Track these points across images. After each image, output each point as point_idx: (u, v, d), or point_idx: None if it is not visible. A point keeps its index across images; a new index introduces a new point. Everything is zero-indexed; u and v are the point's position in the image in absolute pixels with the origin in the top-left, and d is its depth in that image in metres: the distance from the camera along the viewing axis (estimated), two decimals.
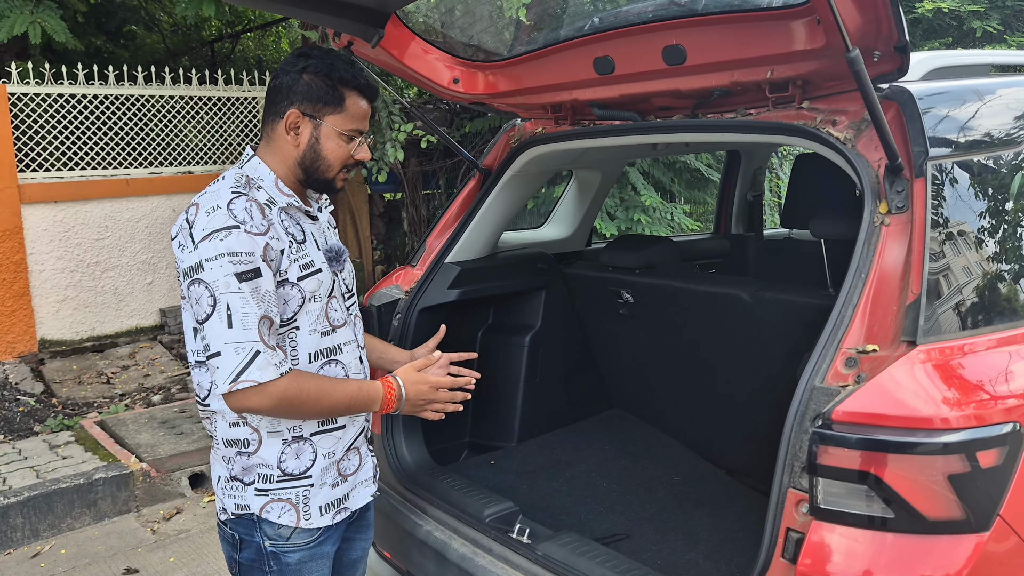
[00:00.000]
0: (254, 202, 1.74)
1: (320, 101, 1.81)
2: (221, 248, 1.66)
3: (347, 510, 1.96)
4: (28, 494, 4.20)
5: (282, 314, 1.77)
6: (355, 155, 1.87)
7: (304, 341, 1.83)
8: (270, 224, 1.74)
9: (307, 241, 1.84)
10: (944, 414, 1.49)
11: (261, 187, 1.81)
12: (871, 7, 1.65)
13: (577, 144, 2.68)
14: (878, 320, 1.69)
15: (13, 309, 6.41)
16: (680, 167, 7.70)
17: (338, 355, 1.89)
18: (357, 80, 1.84)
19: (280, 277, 1.75)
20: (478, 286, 2.89)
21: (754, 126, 2.15)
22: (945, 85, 1.95)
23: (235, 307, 1.66)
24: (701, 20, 2.10)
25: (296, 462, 1.84)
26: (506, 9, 4.14)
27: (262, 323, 1.68)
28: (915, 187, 1.75)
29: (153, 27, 10.56)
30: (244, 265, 1.67)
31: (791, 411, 1.67)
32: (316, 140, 1.83)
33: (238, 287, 1.66)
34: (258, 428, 1.83)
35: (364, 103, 1.86)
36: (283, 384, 1.70)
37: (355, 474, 1.98)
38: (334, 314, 1.90)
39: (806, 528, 1.61)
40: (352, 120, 1.84)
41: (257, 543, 1.86)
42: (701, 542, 2.57)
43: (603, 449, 3.15)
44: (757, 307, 2.55)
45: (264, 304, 1.69)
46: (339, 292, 1.93)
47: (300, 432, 1.84)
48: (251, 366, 1.66)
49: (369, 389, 1.88)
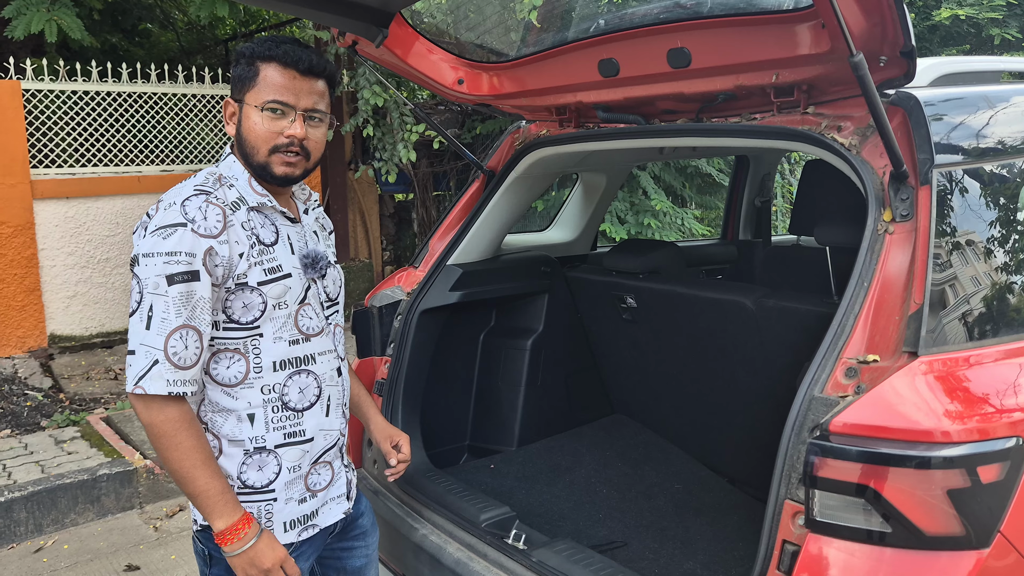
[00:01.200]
0: (212, 202, 1.66)
1: (240, 81, 1.72)
2: (160, 246, 1.60)
3: (316, 527, 1.86)
4: (32, 488, 4.21)
5: (241, 319, 1.70)
6: (285, 132, 1.69)
7: (268, 348, 1.74)
8: (227, 226, 1.66)
9: (278, 244, 1.75)
10: (945, 427, 1.46)
11: (233, 185, 1.73)
12: (876, 11, 1.62)
13: (581, 147, 2.65)
14: (880, 330, 1.66)
15: (24, 304, 6.45)
16: (691, 172, 7.67)
17: (310, 365, 1.80)
18: (274, 51, 1.69)
19: (238, 280, 1.67)
20: (480, 288, 2.87)
21: (759, 131, 2.12)
22: (953, 91, 1.92)
23: (156, 310, 1.60)
24: (706, 23, 2.08)
25: (258, 474, 1.76)
26: (518, 11, 4.13)
27: (179, 333, 1.60)
28: (920, 195, 1.72)
29: (168, 26, 10.62)
30: (180, 266, 1.60)
31: (789, 421, 1.64)
32: (240, 122, 1.73)
33: (166, 290, 1.59)
34: (219, 435, 1.75)
35: (287, 75, 1.68)
36: (166, 409, 1.61)
37: (326, 490, 1.88)
38: (307, 322, 1.80)
39: (802, 541, 1.58)
40: (269, 91, 1.68)
41: (225, 561, 1.72)
42: (699, 551, 2.54)
43: (603, 455, 3.12)
44: (760, 314, 2.52)
45: (190, 311, 1.61)
46: (315, 300, 1.83)
47: (262, 444, 1.75)
48: (148, 374, 1.59)
49: (226, 504, 1.65)
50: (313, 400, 1.82)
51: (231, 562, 1.68)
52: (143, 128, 7.13)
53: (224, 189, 1.72)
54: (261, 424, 1.75)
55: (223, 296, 1.68)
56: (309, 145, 1.74)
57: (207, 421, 1.75)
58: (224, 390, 1.73)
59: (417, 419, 2.76)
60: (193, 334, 1.62)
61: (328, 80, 1.76)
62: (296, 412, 1.79)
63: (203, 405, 1.75)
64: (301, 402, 1.79)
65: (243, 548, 1.66)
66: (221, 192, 1.70)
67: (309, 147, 1.74)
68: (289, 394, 1.77)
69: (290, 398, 1.77)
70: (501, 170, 2.84)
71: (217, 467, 1.67)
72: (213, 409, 1.74)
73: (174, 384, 1.60)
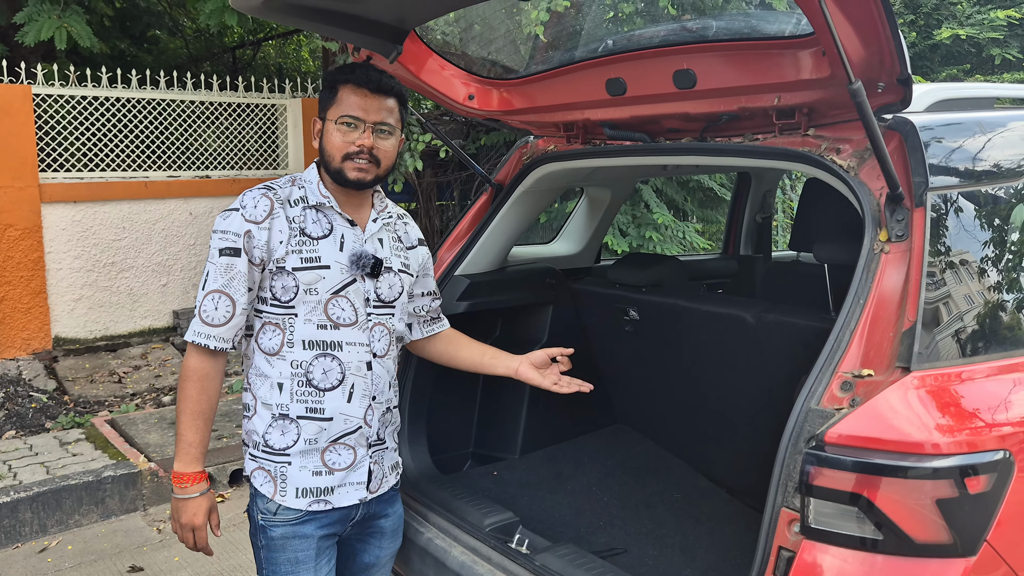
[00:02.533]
0: (268, 196, 1.96)
1: (324, 102, 2.03)
2: (220, 225, 1.95)
3: (328, 503, 2.01)
4: (38, 489, 4.27)
5: (281, 298, 1.96)
6: (356, 142, 1.96)
7: (299, 328, 1.97)
8: (271, 216, 1.94)
9: (328, 239, 1.99)
10: (935, 439, 1.52)
11: (304, 186, 2.03)
12: (874, 40, 1.70)
13: (588, 163, 2.72)
14: (874, 345, 1.72)
15: (29, 306, 6.51)
16: (693, 186, 7.75)
17: (336, 351, 1.99)
18: (349, 75, 1.98)
19: (278, 264, 1.94)
20: (487, 299, 2.93)
21: (760, 151, 2.19)
22: (948, 117, 1.99)
23: (209, 275, 1.94)
24: (711, 46, 2.15)
25: (280, 438, 1.99)
26: (524, 25, 4.21)
27: (213, 295, 1.92)
28: (915, 216, 1.79)
29: (176, 33, 10.72)
30: (228, 242, 1.93)
31: (786, 431, 1.70)
32: (322, 136, 2.03)
33: (216, 260, 1.94)
34: (256, 396, 2.01)
35: (360, 93, 1.97)
36: (190, 358, 1.95)
37: (345, 472, 2.03)
38: (339, 312, 1.99)
39: (797, 547, 1.64)
40: (344, 108, 1.97)
41: (254, 516, 2.03)
42: (698, 559, 2.59)
43: (605, 464, 3.18)
44: (760, 328, 2.59)
45: (226, 280, 1.92)
46: (357, 296, 2.02)
47: (286, 411, 1.98)
48: (191, 326, 1.95)
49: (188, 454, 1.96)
50: (335, 383, 1.99)
51: (171, 502, 2.01)
52: (151, 134, 7.21)
53: (292, 187, 2.02)
54: (287, 394, 1.98)
55: (269, 277, 1.96)
56: (379, 153, 2.00)
57: (251, 383, 2.03)
58: (266, 358, 2.00)
59: (423, 425, 2.82)
60: (225, 299, 1.93)
61: (397, 97, 2.04)
62: (318, 390, 1.99)
63: (250, 370, 2.04)
64: (323, 382, 1.99)
65: (179, 496, 1.97)
66: (286, 190, 2.01)
67: (379, 155, 2.00)
68: (313, 372, 1.98)
69: (314, 376, 1.98)
70: (509, 183, 2.91)
71: (201, 423, 1.96)
72: (256, 373, 2.02)
73: (198, 336, 1.93)
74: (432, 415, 2.88)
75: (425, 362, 2.75)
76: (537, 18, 4.36)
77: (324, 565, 2.04)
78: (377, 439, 2.10)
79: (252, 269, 1.94)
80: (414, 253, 2.25)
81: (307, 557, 2.00)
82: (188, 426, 1.95)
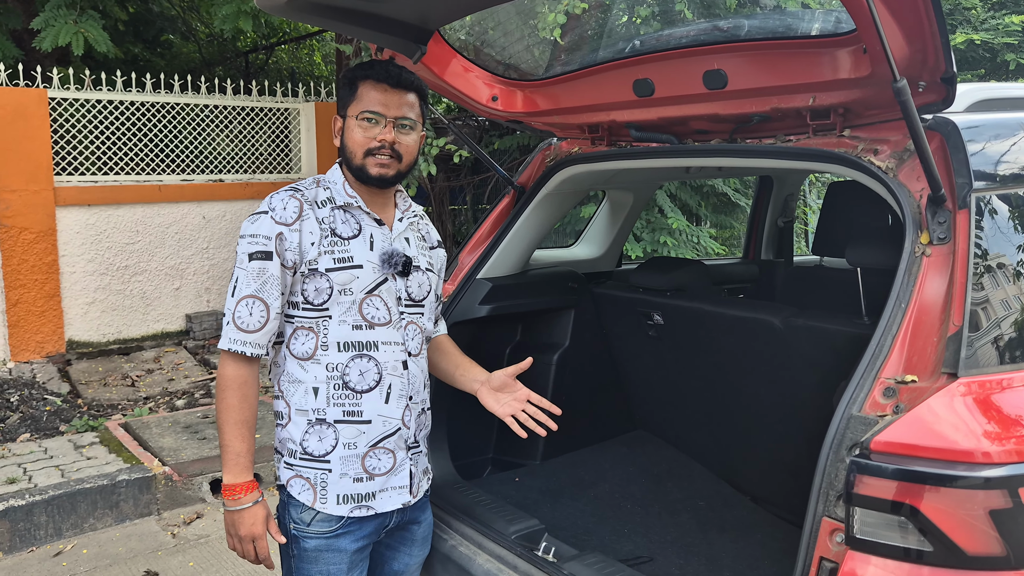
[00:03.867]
0: (296, 197, 1.92)
1: (344, 99, 1.99)
2: (248, 229, 1.90)
3: (370, 509, 1.97)
4: (53, 493, 4.25)
5: (314, 300, 1.91)
6: (377, 137, 1.92)
7: (334, 329, 1.93)
8: (301, 218, 1.90)
9: (357, 239, 1.96)
10: (985, 448, 1.47)
11: (329, 187, 1.99)
12: (919, 38, 1.66)
13: (612, 165, 2.69)
14: (917, 351, 1.68)
15: (43, 309, 6.50)
16: (707, 191, 7.70)
17: (372, 351, 1.95)
18: (369, 70, 1.95)
19: (310, 266, 1.89)
20: (508, 303, 2.90)
21: (794, 153, 2.15)
22: (990, 118, 1.95)
23: (239, 281, 1.88)
24: (744, 46, 2.12)
25: (318, 444, 1.94)
26: (540, 29, 4.18)
27: (246, 301, 1.87)
28: (958, 218, 1.74)
29: (189, 37, 10.75)
30: (258, 246, 1.87)
31: (827, 439, 1.65)
32: (343, 133, 1.99)
33: (246, 265, 1.87)
34: (289, 403, 1.96)
35: (380, 88, 1.93)
36: (226, 366, 1.89)
37: (385, 476, 1.99)
38: (373, 312, 1.96)
39: (840, 558, 1.59)
40: (364, 103, 1.93)
41: (285, 524, 1.98)
42: (725, 568, 2.55)
43: (627, 470, 3.14)
44: (788, 333, 2.54)
45: (259, 284, 1.87)
46: (390, 294, 1.99)
47: (323, 416, 1.93)
48: (224, 333, 1.89)
49: (237, 464, 1.89)
50: (372, 384, 1.95)
51: (224, 516, 1.93)
52: (164, 138, 7.21)
53: (318, 189, 1.98)
54: (323, 398, 1.93)
55: (300, 280, 1.91)
56: (400, 148, 1.96)
57: (283, 390, 1.97)
58: (298, 363, 1.94)
59: (444, 431, 2.78)
60: (259, 304, 1.88)
61: (418, 92, 1.99)
62: (355, 392, 1.94)
63: (281, 376, 1.98)
64: (361, 384, 1.94)
65: (233, 507, 1.89)
66: (312, 191, 1.96)
67: (400, 150, 1.96)
68: (350, 375, 1.93)
69: (350, 378, 1.93)
70: (532, 186, 2.87)
71: (246, 432, 1.89)
72: (288, 379, 1.96)
73: (234, 343, 1.87)
74: (452, 420, 2.84)
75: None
76: (554, 21, 4.34)
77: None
78: (414, 441, 2.07)
79: (284, 273, 1.89)
80: (435, 253, 2.22)
81: (339, 571, 1.95)
82: (234, 436, 1.88)
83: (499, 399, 2.16)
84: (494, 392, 2.17)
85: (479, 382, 2.20)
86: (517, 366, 2.18)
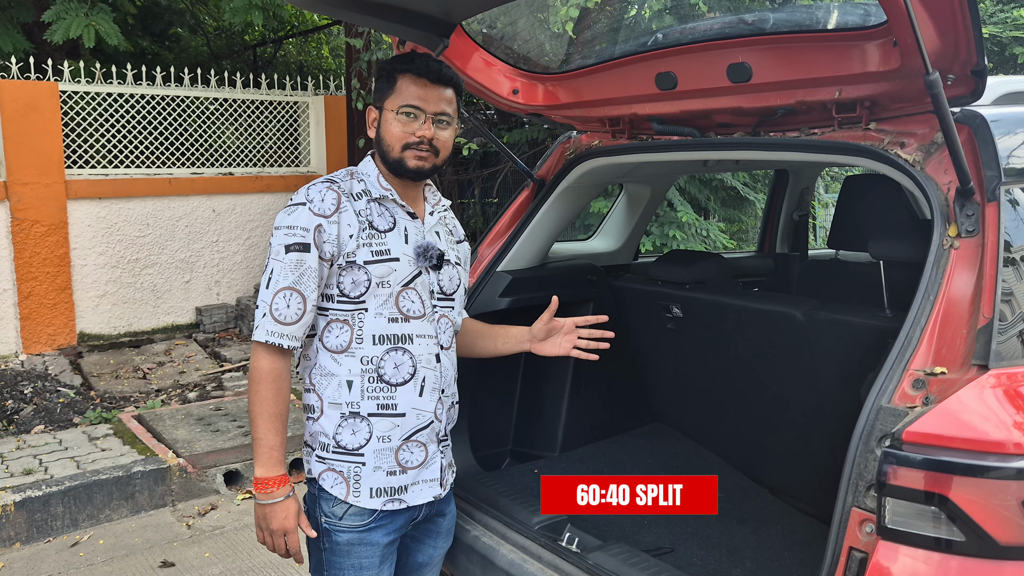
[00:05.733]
0: (333, 189, 1.91)
1: (381, 91, 1.99)
2: (285, 220, 1.88)
3: (402, 502, 1.98)
4: (69, 484, 4.28)
5: (351, 293, 1.91)
6: (416, 132, 1.93)
7: (370, 322, 1.93)
8: (339, 210, 1.89)
9: (393, 232, 1.96)
10: (1017, 439, 1.48)
11: (363, 180, 1.99)
12: (951, 30, 1.66)
13: (633, 158, 2.69)
14: (946, 343, 1.69)
15: (55, 302, 6.53)
16: (716, 185, 7.69)
17: (407, 344, 1.95)
18: (409, 64, 1.95)
19: (348, 259, 1.89)
20: (528, 295, 2.91)
21: (819, 146, 2.15)
22: (1019, 110, 1.95)
23: (275, 272, 1.87)
24: (769, 39, 2.12)
25: (352, 437, 1.94)
26: (552, 23, 4.17)
27: (284, 293, 1.85)
28: (987, 211, 1.75)
29: (198, 30, 10.74)
30: (296, 238, 1.86)
31: (857, 430, 1.66)
32: (379, 125, 1.99)
33: (283, 257, 1.86)
34: (322, 396, 1.95)
35: (420, 83, 1.93)
36: (261, 358, 1.87)
37: (417, 469, 2.00)
38: (409, 305, 1.96)
39: (870, 548, 1.61)
40: (404, 98, 1.93)
41: (316, 518, 1.97)
42: (746, 559, 2.56)
43: (645, 462, 3.15)
44: (810, 326, 2.55)
45: (297, 276, 1.85)
46: (424, 288, 2.00)
47: (357, 409, 1.93)
48: (258, 325, 1.87)
49: (270, 458, 1.87)
50: (407, 377, 1.96)
51: (255, 509, 1.92)
52: (174, 131, 7.22)
53: (352, 181, 1.98)
54: (358, 391, 1.93)
55: (337, 272, 1.90)
56: (438, 144, 1.97)
57: (315, 383, 1.96)
58: (332, 356, 1.94)
59: (464, 422, 2.80)
60: (297, 296, 1.86)
61: (455, 87, 2.00)
62: (390, 386, 1.94)
63: (314, 370, 1.97)
64: (395, 377, 1.95)
65: (265, 501, 1.88)
66: (347, 183, 1.96)
67: (438, 145, 1.97)
68: (385, 367, 1.94)
69: (385, 371, 1.94)
70: (552, 179, 2.88)
71: (280, 425, 1.88)
72: (320, 373, 1.95)
73: (271, 335, 1.86)
74: (472, 412, 2.86)
75: (465, 359, 2.74)
76: (566, 15, 4.33)
77: (386, 570, 2.01)
78: (444, 434, 2.08)
79: (322, 265, 1.89)
80: (462, 247, 2.24)
81: (371, 564, 1.96)
82: (267, 429, 1.87)
83: (552, 343, 2.25)
84: (543, 343, 2.25)
85: (526, 340, 2.27)
86: (548, 310, 2.24)
